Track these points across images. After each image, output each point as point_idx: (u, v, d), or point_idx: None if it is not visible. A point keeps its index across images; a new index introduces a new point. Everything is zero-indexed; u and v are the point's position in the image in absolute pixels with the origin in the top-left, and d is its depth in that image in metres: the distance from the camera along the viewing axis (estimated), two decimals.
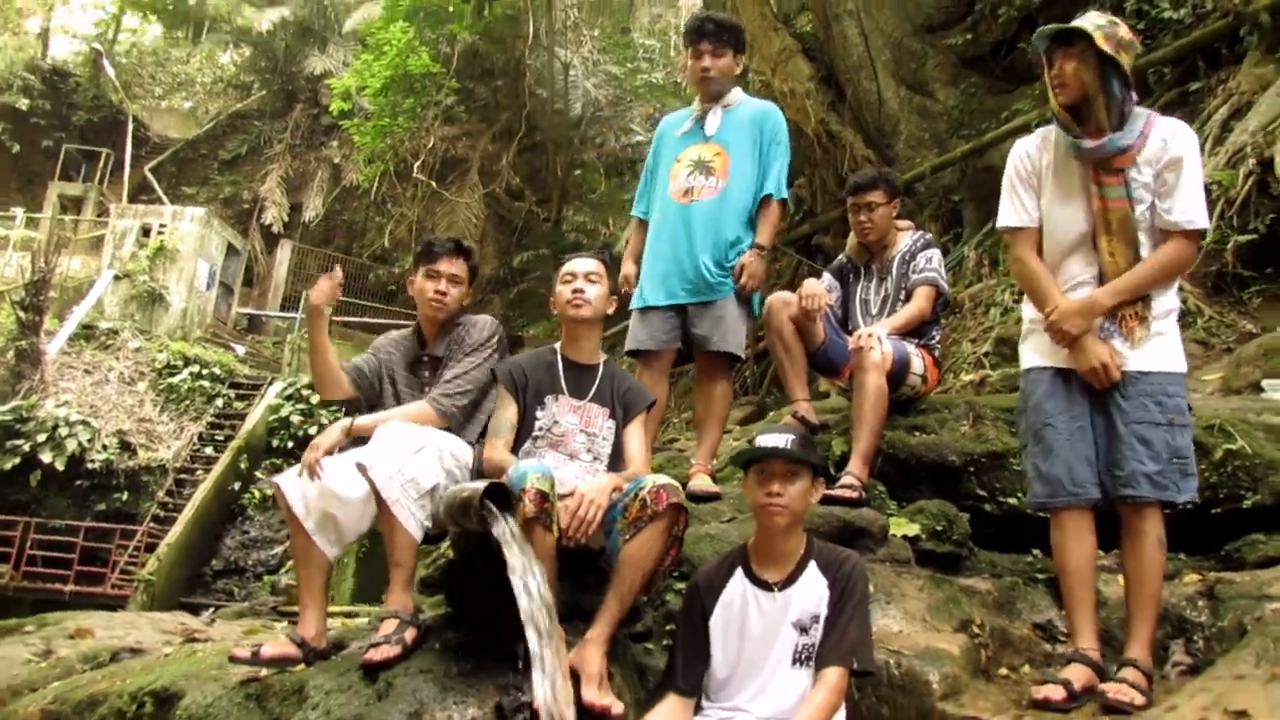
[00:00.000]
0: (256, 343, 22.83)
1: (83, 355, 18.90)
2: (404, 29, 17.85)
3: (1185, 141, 3.13)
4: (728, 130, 4.65)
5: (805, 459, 2.95)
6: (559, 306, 3.71)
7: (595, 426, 3.60)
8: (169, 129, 27.76)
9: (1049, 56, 3.20)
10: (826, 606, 2.86)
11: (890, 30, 11.86)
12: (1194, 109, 8.90)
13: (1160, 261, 3.06)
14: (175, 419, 18.54)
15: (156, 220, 21.69)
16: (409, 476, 3.27)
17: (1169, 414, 3.00)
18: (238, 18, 25.99)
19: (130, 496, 16.88)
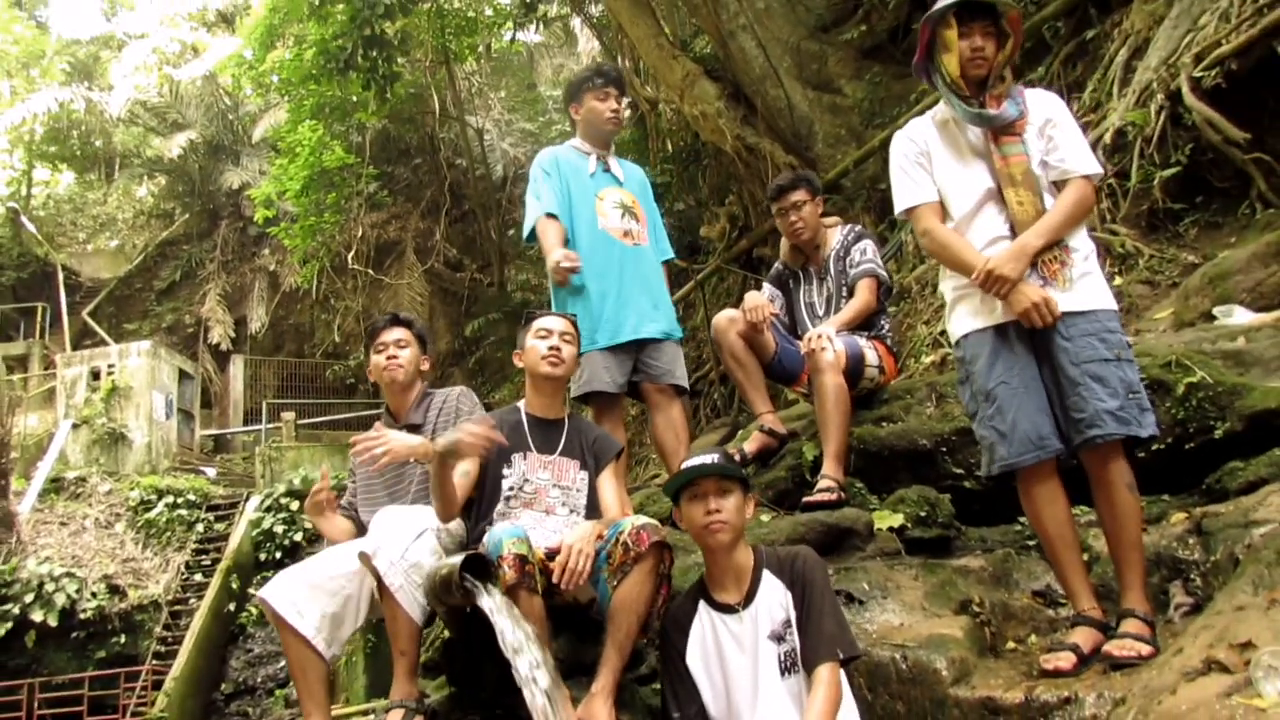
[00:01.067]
0: (226, 462, 22.60)
1: (55, 508, 18.64)
2: (312, 127, 17.83)
3: (1055, 103, 3.31)
4: (631, 183, 4.80)
5: (733, 474, 2.97)
6: (530, 361, 3.71)
7: (568, 480, 3.59)
8: (100, 270, 27.53)
9: (963, 26, 3.22)
10: (793, 609, 2.85)
11: (786, 36, 12.01)
12: (1094, 56, 9.07)
13: (1070, 201, 3.13)
14: (159, 553, 18.29)
15: (104, 361, 21.47)
16: (411, 562, 3.26)
17: (1115, 349, 3.01)
18: (146, 149, 25.97)
19: (128, 638, 16.55)
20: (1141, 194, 7.23)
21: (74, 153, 26.53)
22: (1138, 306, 6.46)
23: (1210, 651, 2.34)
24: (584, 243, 4.60)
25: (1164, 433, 3.88)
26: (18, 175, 28.02)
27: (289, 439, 20.22)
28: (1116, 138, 7.58)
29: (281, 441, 20.13)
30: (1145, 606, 2.91)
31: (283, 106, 21.46)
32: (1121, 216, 7.25)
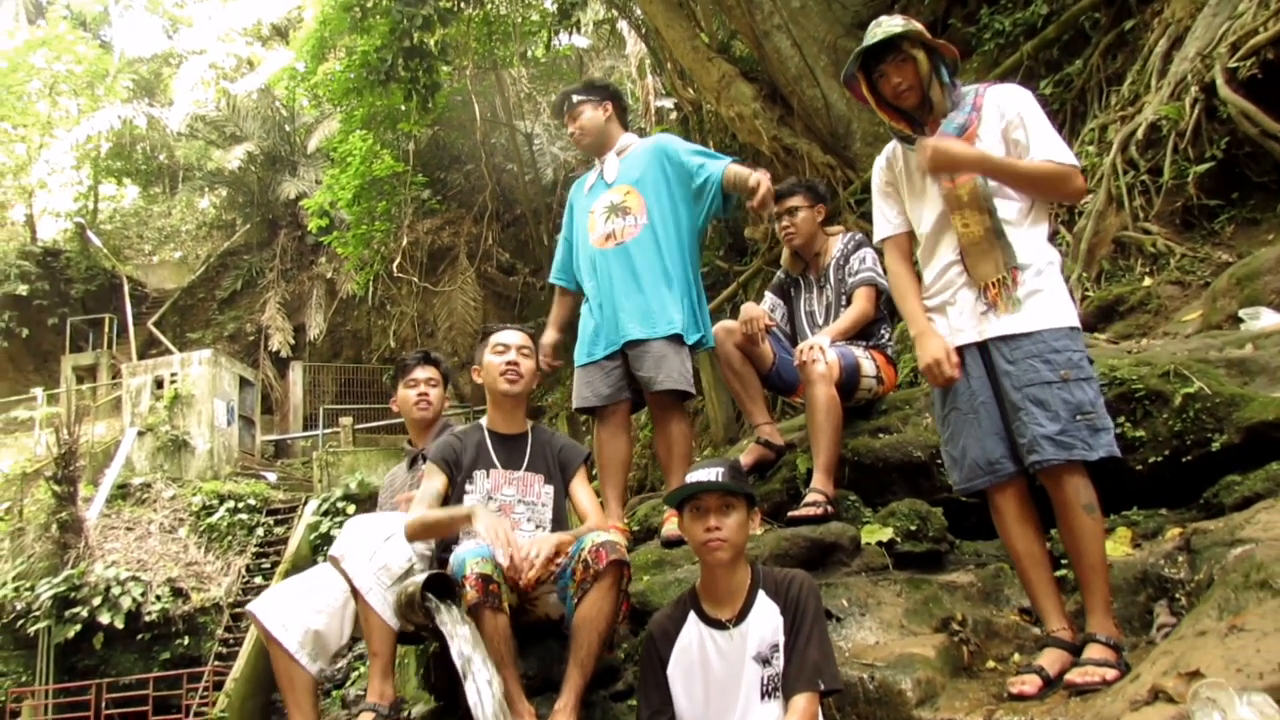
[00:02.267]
0: (286, 466, 23.04)
1: (121, 514, 19.20)
2: (363, 136, 18.10)
3: (1020, 97, 3.15)
4: (629, 170, 4.61)
5: (737, 490, 2.91)
6: (489, 379, 3.72)
7: (533, 494, 3.61)
8: (164, 281, 28.28)
9: (871, 77, 3.19)
10: (783, 634, 2.82)
11: (822, 34, 11.88)
12: (1134, 47, 8.84)
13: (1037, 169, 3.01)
14: (220, 556, 18.76)
15: (167, 370, 22.02)
16: (380, 564, 3.31)
17: (1060, 370, 2.89)
18: (207, 162, 26.58)
19: (191, 640, 17.07)
20: (1175, 191, 7.03)
21: (138, 167, 27.27)
22: (1166, 308, 6.29)
23: (1161, 680, 2.28)
24: (583, 266, 4.66)
25: (1161, 445, 3.80)
26: (84, 191, 28.87)
27: (346, 444, 20.54)
28: (1150, 132, 7.38)
29: (339, 446, 20.47)
30: (1109, 630, 2.82)
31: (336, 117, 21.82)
32: (1154, 214, 7.05)
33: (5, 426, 24.24)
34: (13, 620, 16.73)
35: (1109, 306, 6.52)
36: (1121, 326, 6.31)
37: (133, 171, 27.51)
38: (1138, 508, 3.80)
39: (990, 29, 9.83)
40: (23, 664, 16.84)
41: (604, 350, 4.44)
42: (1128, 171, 7.33)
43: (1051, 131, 3.05)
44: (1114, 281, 6.88)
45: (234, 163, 25.39)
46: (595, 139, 4.68)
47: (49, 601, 16.47)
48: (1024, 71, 9.35)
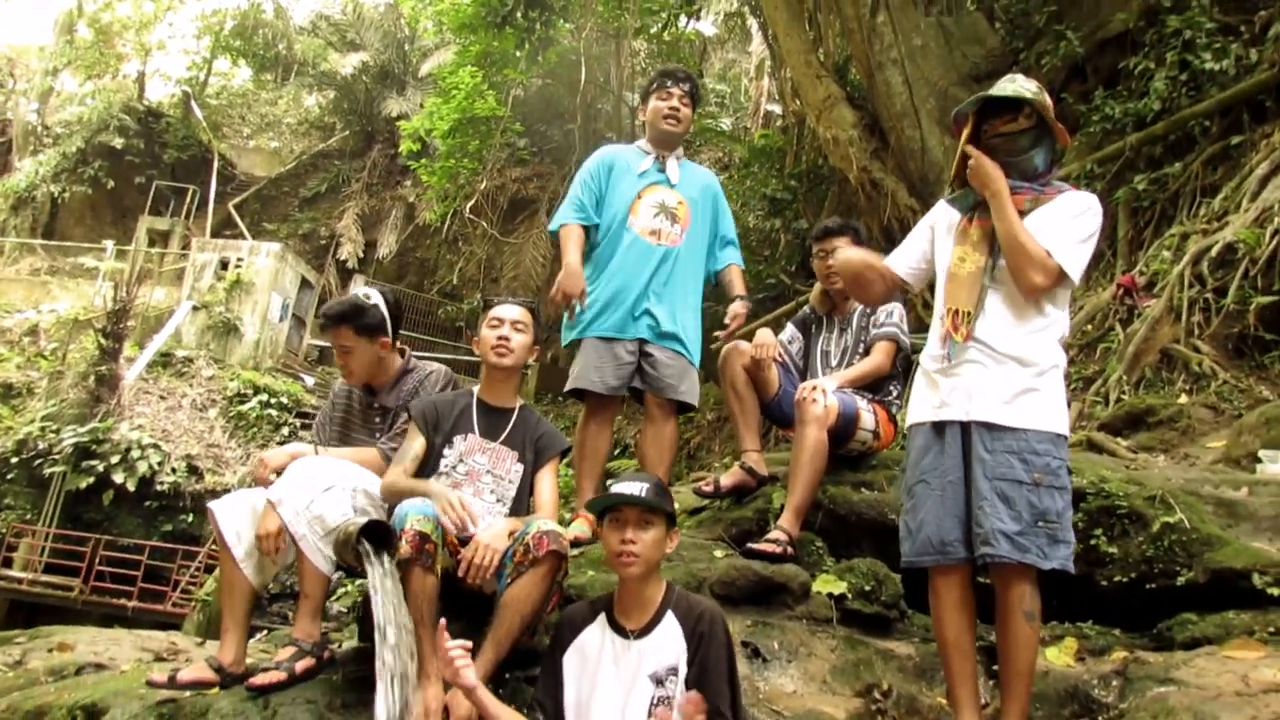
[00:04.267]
0: (326, 374, 23.37)
1: (158, 381, 19.64)
2: (472, 73, 18.23)
3: (1080, 202, 3.12)
4: (688, 185, 4.70)
5: (658, 507, 2.92)
6: (482, 350, 3.74)
7: (503, 469, 3.63)
8: (254, 167, 28.84)
9: (980, 124, 3.18)
10: (684, 662, 2.83)
11: (935, 79, 11.77)
12: (1236, 163, 8.68)
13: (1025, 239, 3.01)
14: (242, 445, 19.14)
15: (234, 254, 22.47)
16: (315, 514, 3.35)
17: (1035, 473, 2.87)
18: (323, 62, 26.95)
19: (195, 519, 17.47)
20: (1235, 316, 6.92)
21: (255, 51, 27.69)
22: (1195, 430, 6.19)
23: None
24: (608, 236, 4.62)
25: (1129, 567, 3.76)
26: (199, 63, 29.45)
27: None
28: (1225, 252, 7.26)
29: None
30: None
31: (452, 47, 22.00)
32: (1209, 334, 6.94)
33: (71, 271, 24.86)
34: (31, 458, 17.22)
35: (1139, 415, 6.44)
36: (1145, 437, 6.23)
37: (249, 54, 27.96)
38: (1093, 621, 3.77)
39: (1101, 111, 9.66)
40: (30, 503, 17.35)
41: (619, 333, 4.46)
42: (1194, 285, 7.22)
43: (1073, 234, 3.04)
44: (1151, 391, 6.79)
45: (348, 68, 25.77)
46: (683, 132, 4.77)
47: (70, 449, 16.94)
48: (1123, 162, 9.21)
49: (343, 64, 25.98)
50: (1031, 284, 3.00)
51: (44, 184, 26.76)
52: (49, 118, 29.07)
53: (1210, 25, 9.54)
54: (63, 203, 27.36)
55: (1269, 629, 3.27)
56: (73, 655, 4.88)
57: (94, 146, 26.65)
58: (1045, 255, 2.98)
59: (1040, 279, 2.99)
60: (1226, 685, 2.84)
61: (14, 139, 29.13)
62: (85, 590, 16.21)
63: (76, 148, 26.61)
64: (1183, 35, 9.59)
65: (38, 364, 20.22)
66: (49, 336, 21.26)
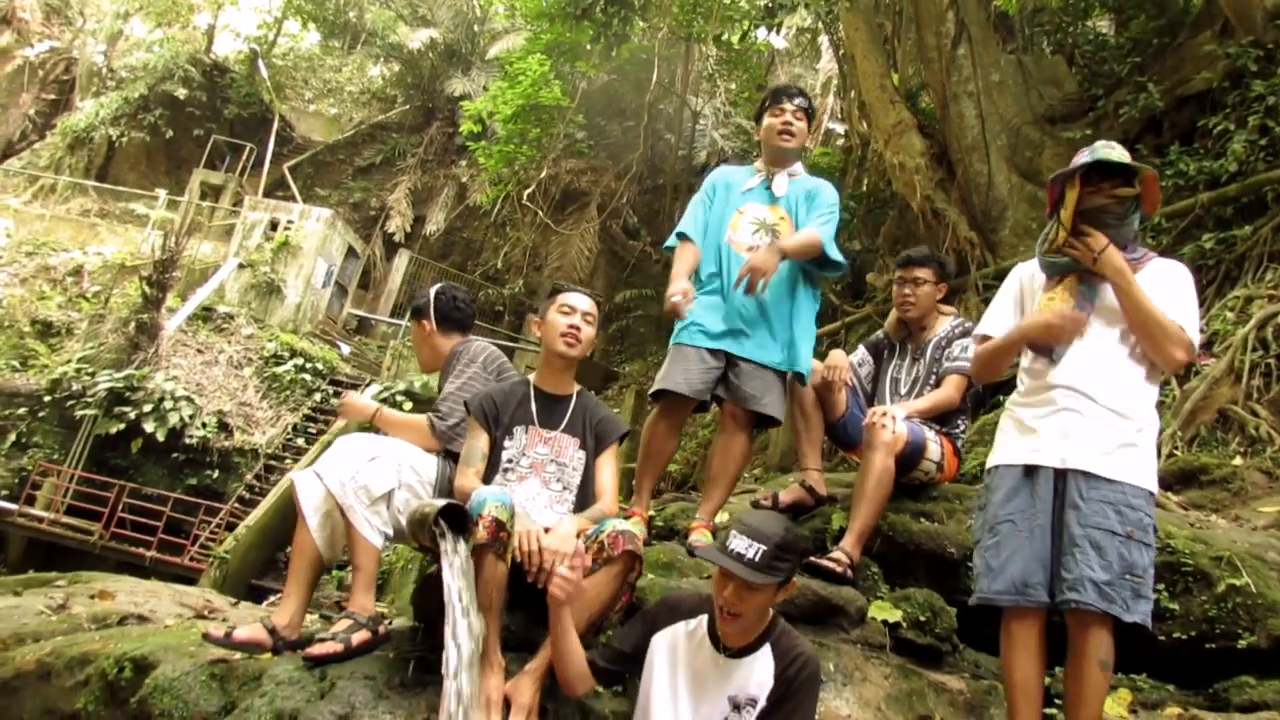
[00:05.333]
0: (363, 344, 23.53)
1: (198, 335, 19.77)
2: (541, 61, 18.31)
3: (1181, 274, 3.18)
4: (793, 198, 4.65)
5: (766, 580, 2.77)
6: (549, 336, 3.73)
7: (566, 457, 3.64)
8: (312, 131, 29.02)
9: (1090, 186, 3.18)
10: (766, 697, 2.81)
11: (1009, 116, 11.73)
12: None
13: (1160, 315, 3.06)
14: (274, 407, 19.23)
15: (285, 216, 22.62)
16: (360, 484, 3.39)
17: (1128, 525, 2.90)
18: (392, 34, 27.11)
19: (220, 475, 17.65)
20: None
21: (326, 16, 27.89)
22: (1248, 493, 6.15)
23: None
24: (709, 252, 4.62)
25: (1190, 625, 3.76)
26: (270, 22, 29.66)
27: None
28: None
29: None
30: None
31: (522, 33, 22.09)
32: (1268, 398, 6.90)
33: (120, 215, 25.07)
34: (64, 399, 17.34)
35: (1192, 473, 6.39)
36: (1197, 495, 6.19)
37: (320, 19, 28.17)
38: (1147, 675, 3.76)
39: (1175, 167, 9.60)
40: (59, 443, 17.46)
41: (711, 343, 4.43)
42: (1257, 349, 7.18)
43: (1190, 305, 3.10)
44: (1205, 450, 6.75)
45: (416, 43, 25.92)
46: (796, 148, 4.74)
47: (104, 393, 17.04)
48: (1192, 219, 9.15)
49: (411, 38, 26.12)
50: (1173, 358, 3.08)
51: (103, 126, 26.89)
52: (115, 61, 29.23)
53: None
54: (120, 147, 27.54)
55: None
56: (114, 604, 4.91)
57: (156, 94, 26.80)
58: (1181, 331, 3.04)
59: (1182, 354, 3.07)
60: None
61: (78, 78, 29.32)
62: (105, 536, 16.23)
63: (139, 94, 26.76)
64: (1266, 101, 9.52)
65: (79, 305, 20.39)
66: (93, 279, 21.42)
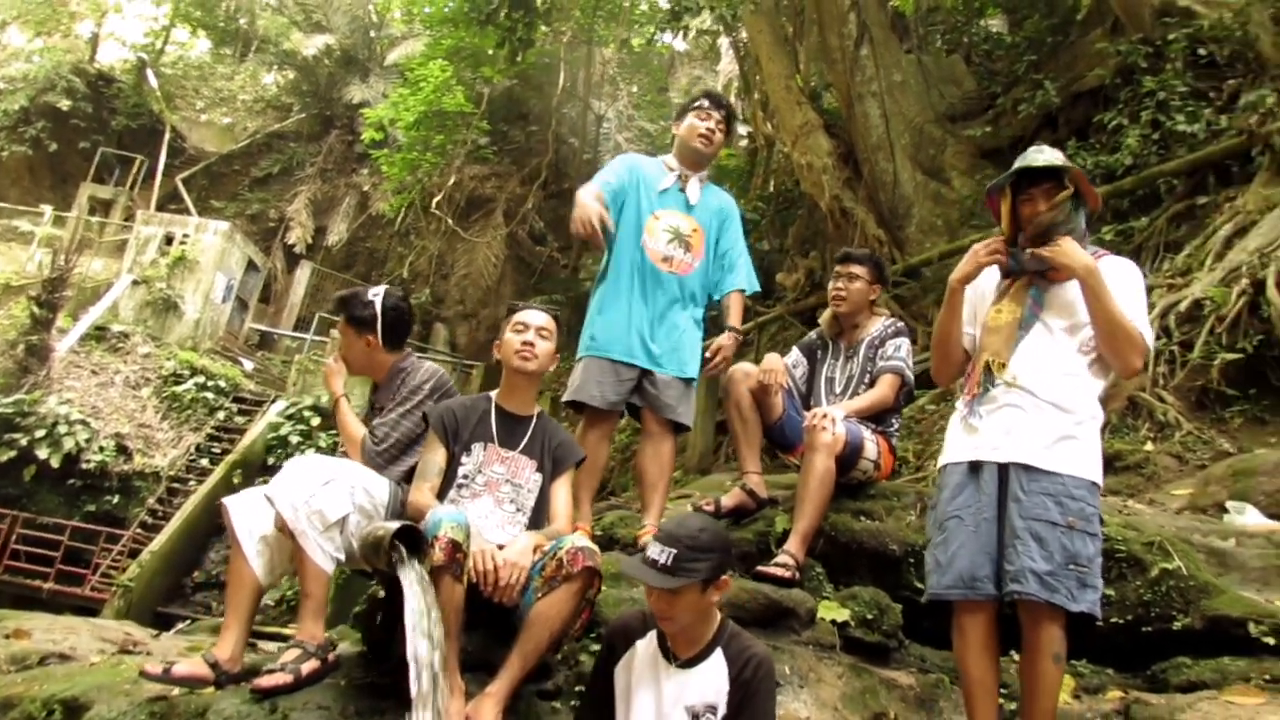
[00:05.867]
0: (266, 359, 22.98)
1: (91, 356, 19.05)
2: (442, 67, 18.16)
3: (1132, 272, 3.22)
4: (703, 210, 4.71)
5: (678, 583, 2.74)
6: (505, 354, 3.69)
7: (522, 478, 3.59)
8: (205, 142, 28.20)
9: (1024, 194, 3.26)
10: (725, 702, 2.80)
11: (912, 115, 11.99)
12: (1200, 222, 8.97)
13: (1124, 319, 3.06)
14: (175, 427, 18.64)
15: (180, 230, 21.98)
16: (314, 508, 3.27)
17: (1069, 516, 2.94)
18: (285, 41, 26.57)
19: (121, 500, 16.97)
20: (1199, 369, 7.15)
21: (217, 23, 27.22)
22: (1160, 477, 6.38)
23: None
24: (623, 254, 4.61)
25: (1126, 610, 3.86)
26: (157, 30, 28.78)
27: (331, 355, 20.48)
28: (1193, 308, 7.49)
29: (323, 356, 20.43)
30: None
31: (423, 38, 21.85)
32: (1173, 385, 7.16)
33: (3, 233, 24.06)
34: None
35: (1106, 460, 6.53)
36: (1113, 481, 6.38)
37: (210, 25, 27.51)
38: (1087, 661, 3.86)
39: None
40: None
41: (626, 357, 4.46)
42: (1161, 337, 7.43)
43: (1143, 308, 3.15)
44: (1118, 437, 6.97)
45: (311, 50, 25.38)
46: (712, 156, 4.79)
47: None
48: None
49: (306, 44, 25.58)
50: (1132, 367, 3.12)
51: None
52: None
53: (1183, 88, 9.86)
54: (0, 162, 26.50)
55: (1264, 676, 3.39)
56: (32, 643, 4.69)
57: (38, 106, 25.71)
58: (1140, 337, 3.07)
59: (1139, 361, 3.11)
60: None
61: None
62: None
63: (19, 106, 25.63)
64: (1157, 96, 9.90)
65: None
66: None
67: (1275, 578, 4.04)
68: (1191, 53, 10.10)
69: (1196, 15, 10.21)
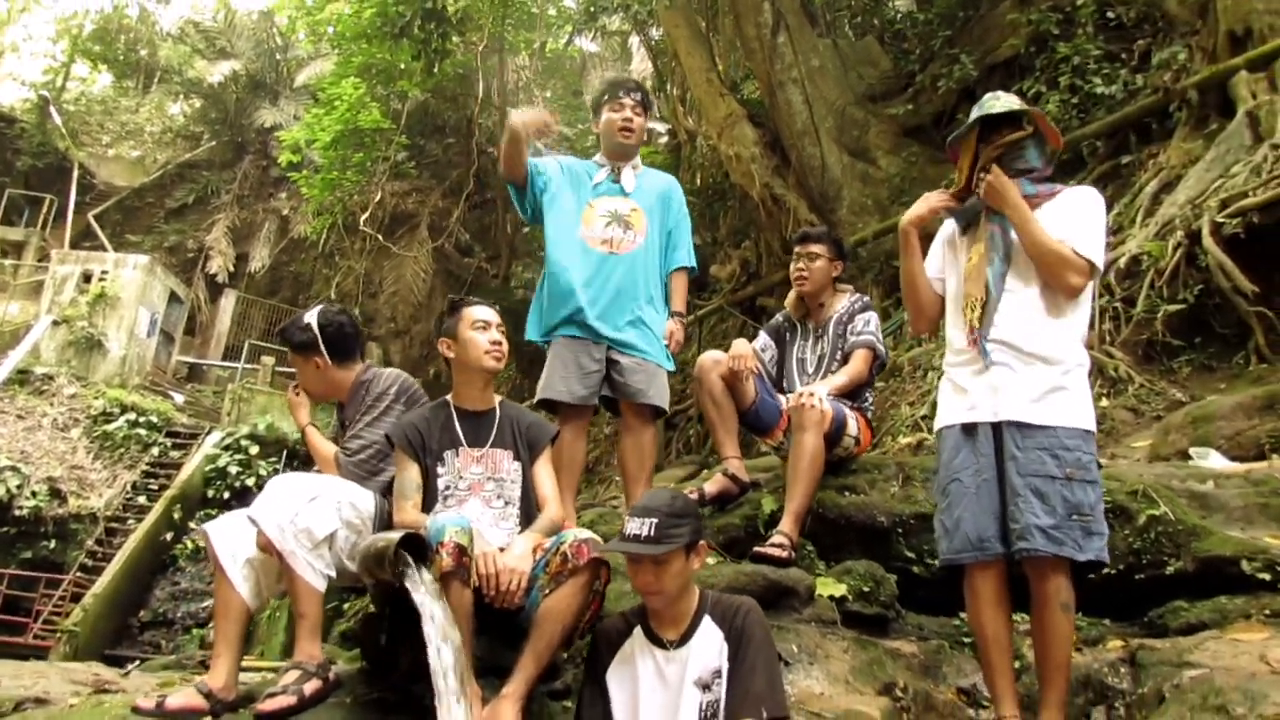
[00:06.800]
0: (196, 391, 22.52)
1: (16, 400, 18.53)
2: (355, 84, 17.91)
3: (1088, 197, 3.24)
4: (642, 193, 4.69)
5: (663, 554, 2.79)
6: (472, 355, 3.58)
7: (502, 471, 3.53)
8: (115, 177, 27.45)
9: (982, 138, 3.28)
10: (726, 659, 2.81)
11: (833, 98, 12.10)
12: (1126, 181, 9.18)
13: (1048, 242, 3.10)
14: (109, 467, 18.20)
15: (99, 266, 21.41)
16: (302, 526, 3.19)
17: (1066, 468, 2.97)
18: (189, 69, 26.02)
19: (58, 545, 16.51)
20: (1144, 323, 7.30)
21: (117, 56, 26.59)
22: (1118, 431, 6.50)
23: None
24: (561, 247, 4.58)
25: (1117, 559, 3.89)
26: (56, 66, 27.99)
27: (264, 383, 20.15)
28: (1131, 264, 7.65)
29: (256, 384, 20.07)
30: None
31: (331, 58, 21.54)
32: (1120, 341, 7.30)
33: None
34: None
35: None
36: None
37: (111, 59, 26.82)
38: (1082, 614, 3.89)
39: None
40: None
41: (589, 335, 4.43)
42: (1103, 295, 7.58)
43: (1093, 230, 3.14)
44: None
45: (216, 77, 24.91)
46: (635, 143, 4.75)
47: None
48: None
49: (211, 72, 25.09)
50: (1069, 285, 3.09)
51: None
52: None
53: (1096, 52, 10.08)
54: None
55: (1264, 612, 3.44)
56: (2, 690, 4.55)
57: None
58: (1073, 254, 3.07)
59: (1076, 278, 3.09)
60: (1249, 665, 2.97)
61: None
62: None
63: None
64: (1072, 61, 10.11)
65: None
66: None
67: (1258, 515, 4.11)
68: (1101, 16, 10.35)
69: None
